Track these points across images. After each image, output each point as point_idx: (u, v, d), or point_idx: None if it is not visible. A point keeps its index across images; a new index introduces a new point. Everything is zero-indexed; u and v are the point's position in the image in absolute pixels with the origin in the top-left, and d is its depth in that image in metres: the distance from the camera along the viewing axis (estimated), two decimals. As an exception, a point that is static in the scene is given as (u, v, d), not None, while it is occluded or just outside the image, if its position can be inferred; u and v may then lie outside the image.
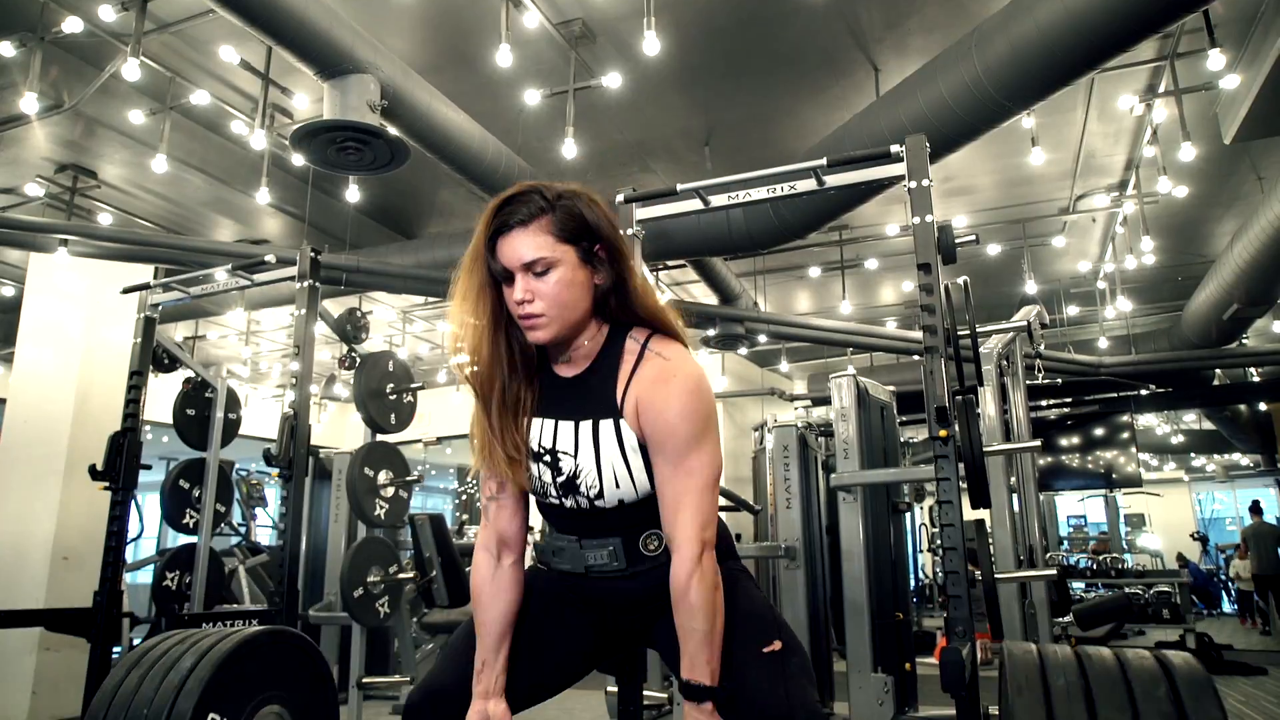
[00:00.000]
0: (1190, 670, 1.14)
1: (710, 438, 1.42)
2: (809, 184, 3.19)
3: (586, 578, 1.56)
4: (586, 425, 1.45)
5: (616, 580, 1.54)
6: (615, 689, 3.34)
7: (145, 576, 8.55)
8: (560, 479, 1.48)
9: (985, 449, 3.09)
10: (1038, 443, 3.40)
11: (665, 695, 4.35)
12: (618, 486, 1.45)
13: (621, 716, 3.27)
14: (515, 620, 1.55)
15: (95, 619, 4.16)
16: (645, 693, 3.45)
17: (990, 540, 4.14)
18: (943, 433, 2.85)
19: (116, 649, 5.02)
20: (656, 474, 1.42)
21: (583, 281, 1.42)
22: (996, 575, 3.29)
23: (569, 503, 1.50)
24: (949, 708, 4.35)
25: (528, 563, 1.65)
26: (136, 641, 7.64)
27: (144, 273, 5.33)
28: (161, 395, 5.17)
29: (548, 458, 1.49)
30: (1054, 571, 3.30)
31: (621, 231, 1.52)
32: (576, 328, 1.44)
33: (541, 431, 1.49)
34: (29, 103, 3.91)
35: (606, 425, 1.44)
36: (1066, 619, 4.32)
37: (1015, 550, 4.25)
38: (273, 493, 9.83)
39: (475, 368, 1.46)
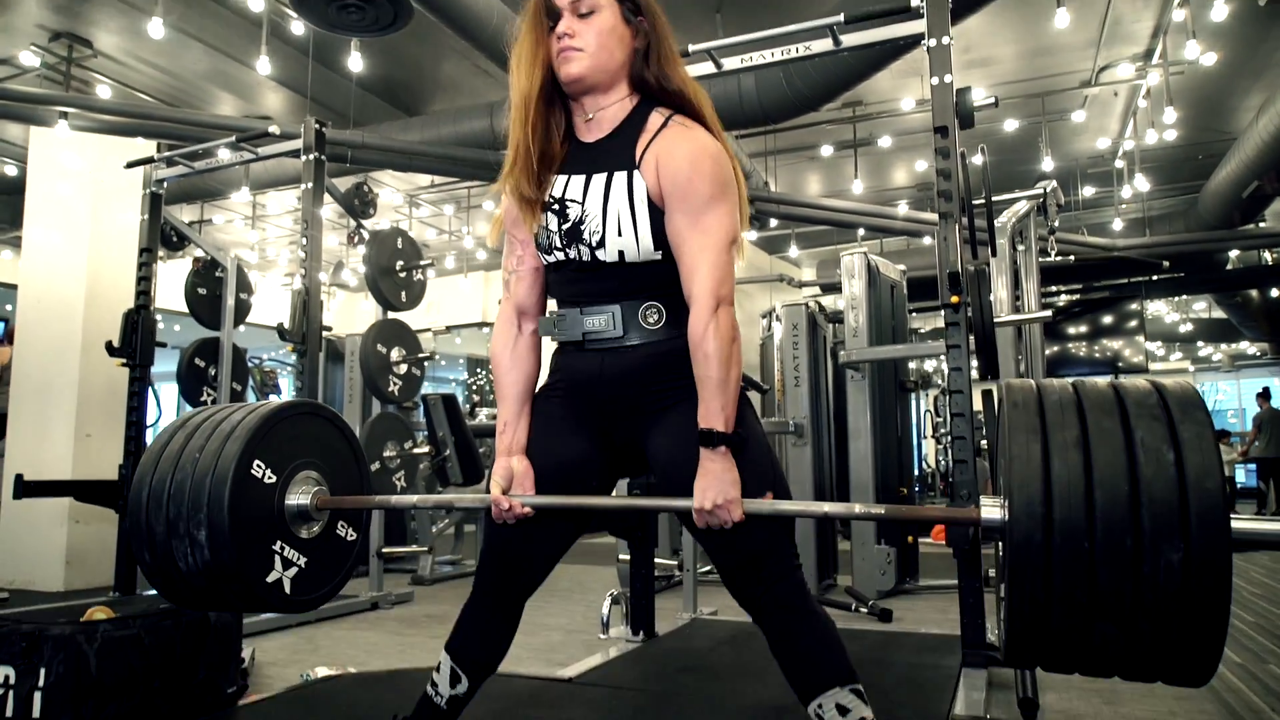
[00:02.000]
0: (1181, 388, 1.18)
1: (729, 201, 1.47)
2: (825, 44, 3.09)
3: (582, 349, 1.58)
4: (599, 177, 1.51)
5: (610, 351, 1.55)
6: (627, 557, 3.48)
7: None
8: (565, 226, 1.52)
9: (995, 319, 3.10)
10: (1047, 312, 3.40)
11: (675, 562, 4.50)
12: (620, 235, 1.48)
13: (634, 580, 3.41)
14: (532, 386, 1.65)
15: (122, 491, 4.29)
16: (657, 561, 3.58)
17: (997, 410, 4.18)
18: (954, 298, 2.85)
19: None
20: (674, 231, 1.46)
21: (622, 35, 1.51)
22: (1002, 442, 3.35)
23: (571, 253, 1.53)
24: (948, 579, 4.49)
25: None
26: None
27: (147, 149, 5.25)
28: (170, 284, 5.17)
29: (556, 206, 1.54)
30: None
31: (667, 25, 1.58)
32: (609, 76, 1.51)
33: (554, 184, 1.55)
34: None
35: (619, 176, 1.49)
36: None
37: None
38: (286, 382, 9.96)
39: (526, 105, 1.52)
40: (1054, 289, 10.81)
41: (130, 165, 4.36)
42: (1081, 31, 5.83)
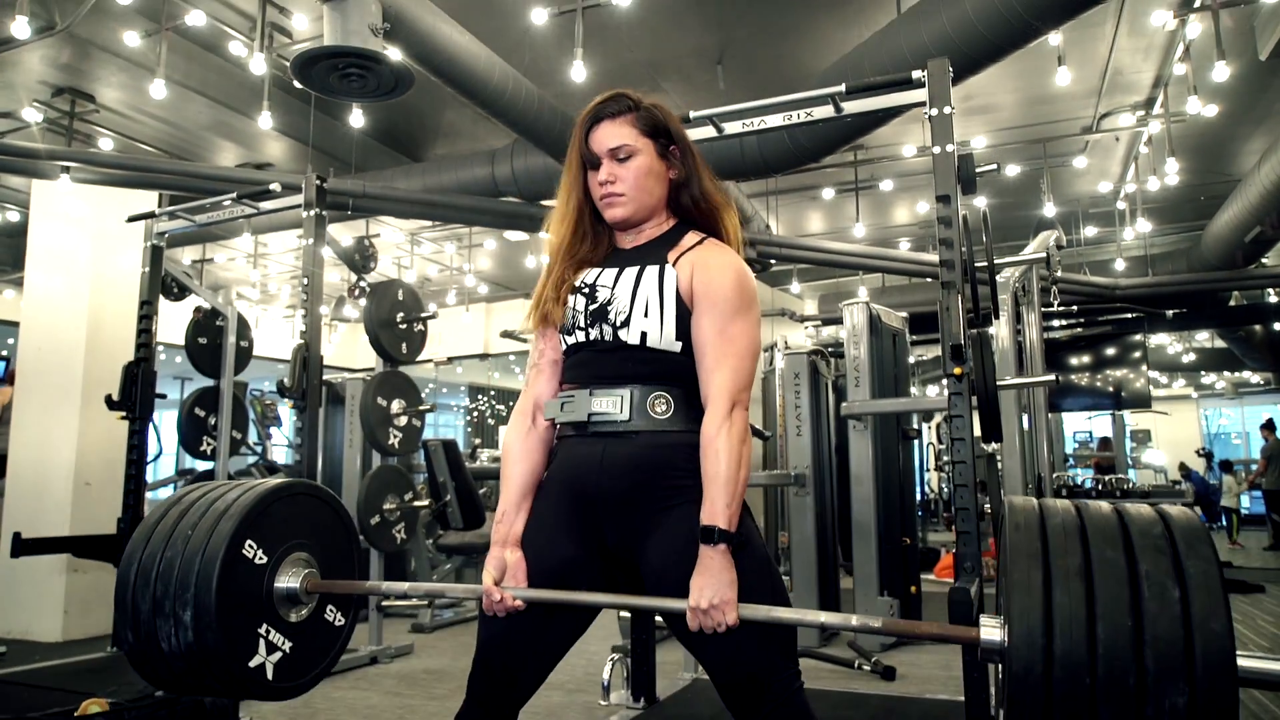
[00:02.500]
0: (1187, 519, 1.16)
1: (753, 316, 1.54)
2: (826, 111, 3.08)
3: (585, 435, 1.57)
4: (631, 269, 1.58)
5: (613, 436, 1.54)
6: (629, 614, 3.44)
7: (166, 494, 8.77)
8: (592, 306, 1.58)
9: (999, 383, 3.09)
10: (1052, 377, 3.38)
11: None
12: (646, 316, 1.53)
13: (634, 646, 3.37)
14: (537, 479, 1.65)
15: (121, 545, 4.27)
16: (657, 619, 3.55)
17: (1000, 469, 4.17)
18: (957, 371, 2.83)
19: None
20: (699, 333, 1.51)
21: (659, 172, 1.60)
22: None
23: (594, 333, 1.57)
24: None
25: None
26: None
27: (148, 198, 5.27)
28: (173, 317, 5.17)
29: (586, 289, 1.61)
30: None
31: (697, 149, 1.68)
32: (649, 211, 1.61)
33: (587, 273, 1.63)
34: (20, 27, 3.79)
35: (651, 269, 1.56)
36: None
37: (1024, 479, 4.28)
38: (286, 411, 9.95)
39: (555, 237, 1.67)
40: (1056, 323, 10.80)
41: (132, 219, 4.37)
42: (1082, 82, 5.86)
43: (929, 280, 8.48)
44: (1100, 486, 9.33)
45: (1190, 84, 5.18)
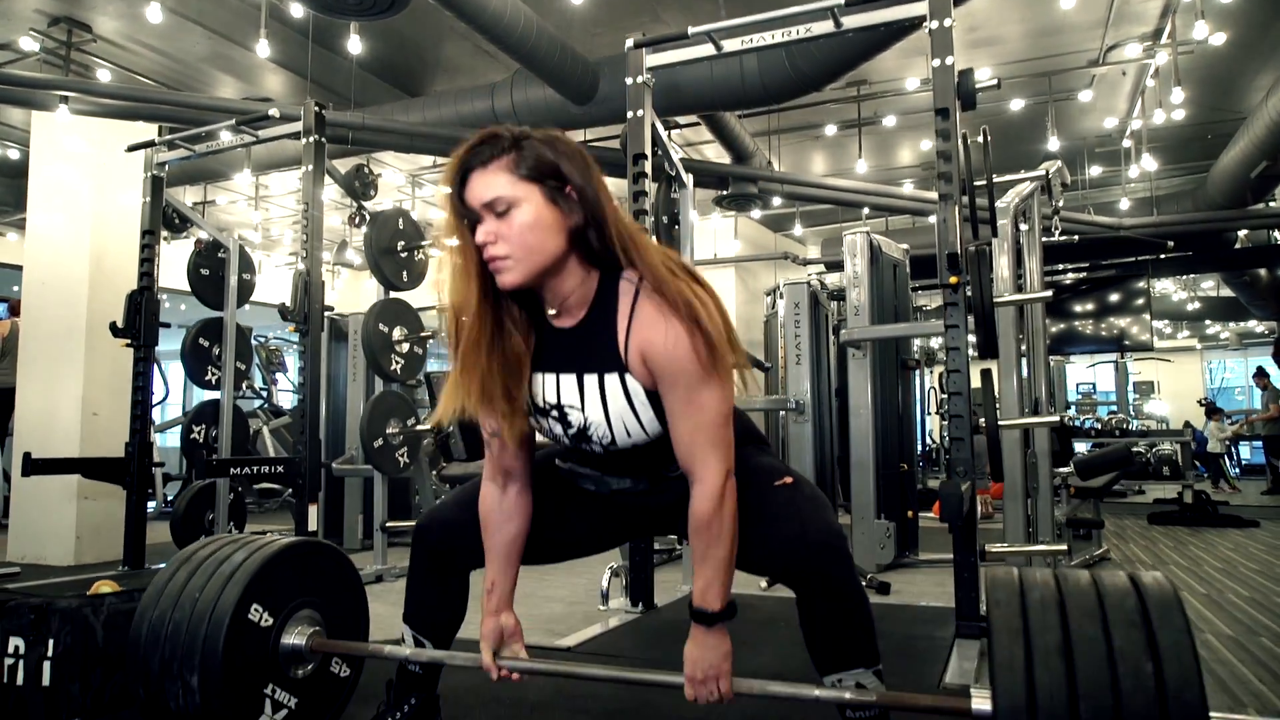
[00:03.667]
0: (1159, 587, 1.21)
1: (720, 373, 1.37)
2: (826, 25, 3.08)
3: (611, 496, 1.63)
4: (591, 379, 1.43)
5: (641, 497, 1.61)
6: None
7: (174, 440, 8.86)
8: (571, 430, 1.48)
9: (995, 299, 3.10)
10: (1048, 292, 3.39)
11: (674, 536, 4.54)
12: (629, 435, 1.45)
13: (633, 554, 3.45)
14: (521, 542, 1.61)
15: (129, 467, 4.35)
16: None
17: (995, 393, 4.19)
18: (953, 279, 2.87)
19: (151, 504, 5.25)
20: (669, 411, 1.40)
21: (550, 222, 1.35)
22: (1000, 422, 3.36)
23: (584, 447, 1.51)
24: (946, 553, 4.52)
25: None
26: (170, 495, 7.99)
27: (148, 133, 5.26)
28: (174, 262, 5.20)
29: (555, 412, 1.48)
30: (1056, 419, 3.36)
31: (602, 177, 1.41)
32: (549, 271, 1.38)
33: (544, 386, 1.47)
34: (15, -55, 3.75)
35: (612, 379, 1.42)
36: (1067, 469, 4.42)
37: (1020, 402, 4.31)
38: (292, 360, 10.01)
39: (463, 317, 1.42)
40: (1060, 267, 10.75)
41: (131, 149, 4.37)
42: (1088, 12, 5.78)
43: (932, 221, 8.44)
44: (1100, 426, 9.43)
45: (1198, 9, 5.11)
